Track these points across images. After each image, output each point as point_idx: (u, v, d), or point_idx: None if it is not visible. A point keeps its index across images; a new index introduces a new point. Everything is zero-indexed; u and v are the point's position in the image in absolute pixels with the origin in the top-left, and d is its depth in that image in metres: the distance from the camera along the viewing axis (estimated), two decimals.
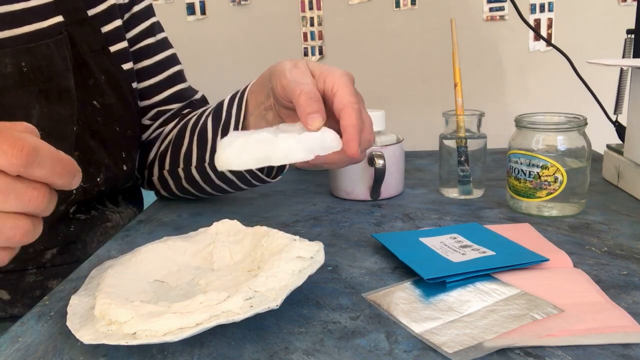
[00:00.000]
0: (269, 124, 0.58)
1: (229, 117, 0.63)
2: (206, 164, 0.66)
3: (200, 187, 0.70)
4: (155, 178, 0.75)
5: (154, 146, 0.76)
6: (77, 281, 0.50)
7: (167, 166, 0.72)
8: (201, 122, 0.68)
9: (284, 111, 0.55)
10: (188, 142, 0.69)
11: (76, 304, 0.42)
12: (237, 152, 0.44)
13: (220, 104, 0.65)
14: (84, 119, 0.64)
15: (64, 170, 0.37)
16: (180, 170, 0.70)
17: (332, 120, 0.49)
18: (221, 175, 0.67)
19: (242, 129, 0.61)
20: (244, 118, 0.61)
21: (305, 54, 2.19)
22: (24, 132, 0.36)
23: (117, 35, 0.69)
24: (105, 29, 0.68)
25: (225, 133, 0.63)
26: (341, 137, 0.47)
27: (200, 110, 0.72)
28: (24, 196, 0.35)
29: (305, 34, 2.18)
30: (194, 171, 0.68)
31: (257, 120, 0.60)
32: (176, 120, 0.76)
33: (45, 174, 0.36)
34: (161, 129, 0.77)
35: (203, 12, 2.18)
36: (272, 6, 2.15)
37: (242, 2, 2.16)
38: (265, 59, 2.26)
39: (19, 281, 0.64)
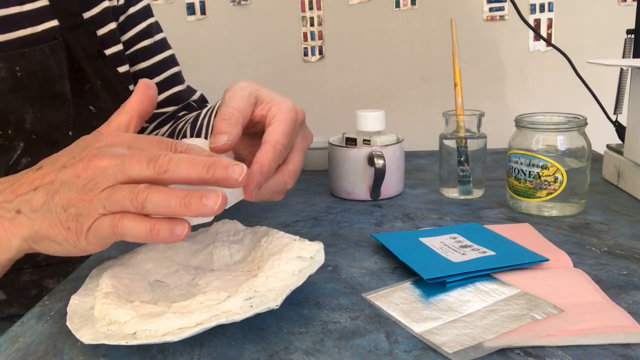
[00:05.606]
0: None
1: (201, 127, 0.63)
2: None
3: None
4: None
5: None
6: (77, 281, 0.50)
7: None
8: (184, 129, 0.68)
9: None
10: None
11: (76, 304, 0.42)
12: None
13: (199, 113, 0.65)
14: (81, 124, 0.64)
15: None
16: None
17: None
18: None
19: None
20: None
21: (305, 54, 2.18)
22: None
23: (111, 38, 0.69)
24: (100, 32, 0.68)
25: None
26: None
27: (189, 115, 0.72)
28: None
29: (305, 34, 2.17)
30: None
31: None
32: (171, 122, 0.76)
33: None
34: (156, 132, 0.77)
35: (203, 12, 2.18)
36: (272, 6, 2.15)
37: (242, 2, 2.16)
38: (265, 59, 2.27)
39: (15, 281, 0.64)
